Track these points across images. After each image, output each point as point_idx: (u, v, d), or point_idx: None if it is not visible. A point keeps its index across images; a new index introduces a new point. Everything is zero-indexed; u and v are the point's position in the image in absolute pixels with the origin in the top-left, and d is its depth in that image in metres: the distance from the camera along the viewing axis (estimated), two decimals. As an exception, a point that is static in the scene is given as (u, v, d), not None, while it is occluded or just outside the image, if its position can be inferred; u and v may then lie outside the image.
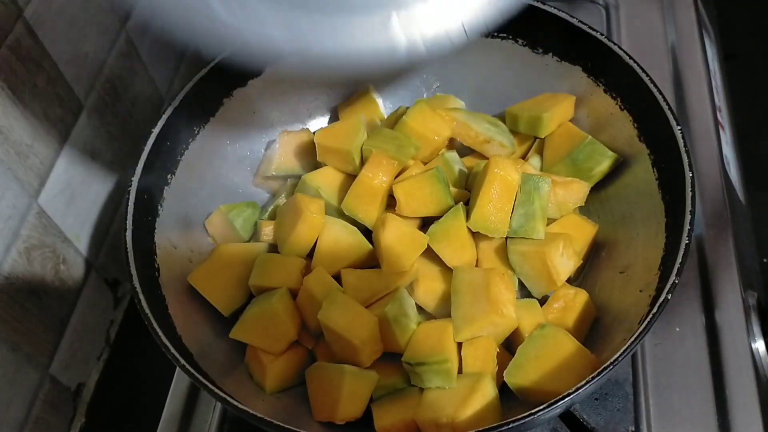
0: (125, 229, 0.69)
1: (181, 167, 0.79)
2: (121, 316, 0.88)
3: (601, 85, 0.80)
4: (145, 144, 0.74)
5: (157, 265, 0.72)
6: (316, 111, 0.91)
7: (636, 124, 0.76)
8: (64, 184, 0.78)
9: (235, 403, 0.60)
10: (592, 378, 0.57)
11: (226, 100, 0.84)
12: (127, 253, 0.68)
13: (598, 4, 1.04)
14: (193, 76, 0.79)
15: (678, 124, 0.69)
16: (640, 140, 0.76)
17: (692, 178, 0.66)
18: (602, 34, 0.77)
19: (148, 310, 0.65)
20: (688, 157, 0.68)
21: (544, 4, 0.80)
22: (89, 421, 0.81)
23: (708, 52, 1.00)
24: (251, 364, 0.72)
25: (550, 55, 0.84)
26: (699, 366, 0.73)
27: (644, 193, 0.74)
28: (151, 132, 0.75)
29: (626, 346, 0.59)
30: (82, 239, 0.82)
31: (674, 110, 0.71)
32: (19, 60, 0.70)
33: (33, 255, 0.74)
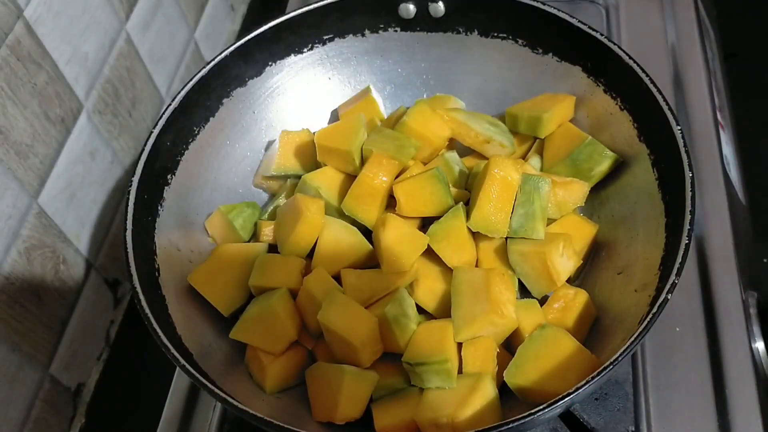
0: (125, 229, 0.69)
1: (181, 167, 0.79)
2: (121, 316, 0.89)
3: (601, 85, 0.80)
4: (145, 144, 0.74)
5: (157, 265, 0.72)
6: (317, 111, 0.91)
7: (636, 124, 0.76)
8: (64, 184, 0.78)
9: (235, 403, 0.60)
10: (592, 378, 0.57)
11: (226, 100, 0.84)
12: (127, 253, 0.68)
13: (598, 4, 1.04)
14: (193, 76, 0.79)
15: (678, 124, 0.69)
16: (640, 140, 0.76)
17: (692, 178, 0.66)
18: (602, 34, 0.77)
19: (148, 310, 0.65)
20: (688, 157, 0.67)
21: (544, 4, 0.81)
22: (89, 421, 0.81)
23: (708, 52, 1.00)
24: (251, 364, 0.72)
25: (550, 55, 0.84)
26: (699, 366, 0.73)
27: (644, 193, 0.74)
28: (151, 132, 0.75)
29: (626, 346, 0.59)
30: (82, 239, 0.82)
31: (674, 110, 0.71)
32: (19, 60, 0.70)
33: (33, 255, 0.74)
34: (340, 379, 0.67)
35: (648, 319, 0.60)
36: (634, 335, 0.59)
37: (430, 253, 0.74)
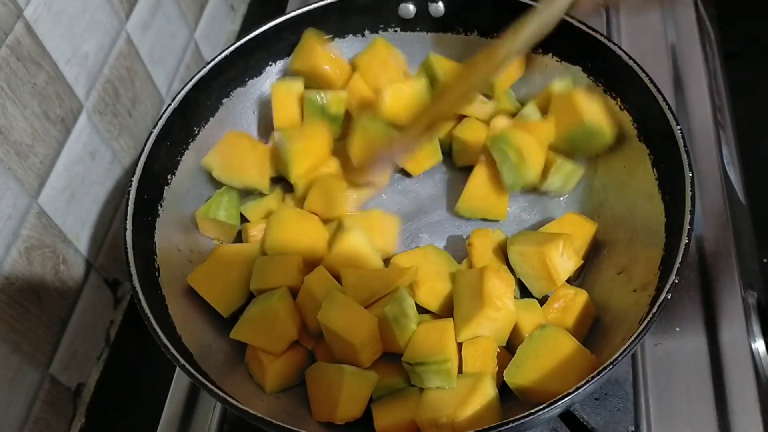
0: (125, 229, 0.69)
1: (181, 167, 0.79)
2: (121, 316, 0.89)
3: (601, 85, 0.80)
4: (145, 144, 0.74)
5: (157, 265, 0.72)
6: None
7: (636, 124, 0.76)
8: (64, 184, 0.78)
9: (235, 403, 0.60)
10: (592, 378, 0.57)
11: (226, 100, 0.84)
12: (127, 253, 0.68)
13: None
14: (193, 76, 0.79)
15: (678, 124, 0.69)
16: (640, 140, 0.76)
17: (692, 178, 0.66)
18: (602, 34, 0.77)
19: (148, 310, 0.65)
20: (688, 157, 0.68)
21: (544, 4, 0.80)
22: (89, 421, 0.81)
23: (708, 52, 1.00)
24: (251, 364, 0.72)
25: (550, 55, 0.84)
26: (699, 366, 0.73)
27: (644, 193, 0.74)
28: (151, 132, 0.75)
29: (626, 346, 0.59)
30: (82, 239, 0.82)
31: (674, 110, 0.71)
32: (19, 60, 0.70)
33: (33, 255, 0.74)
34: (340, 379, 0.67)
35: (648, 319, 0.60)
36: (634, 335, 0.59)
37: (430, 255, 0.74)
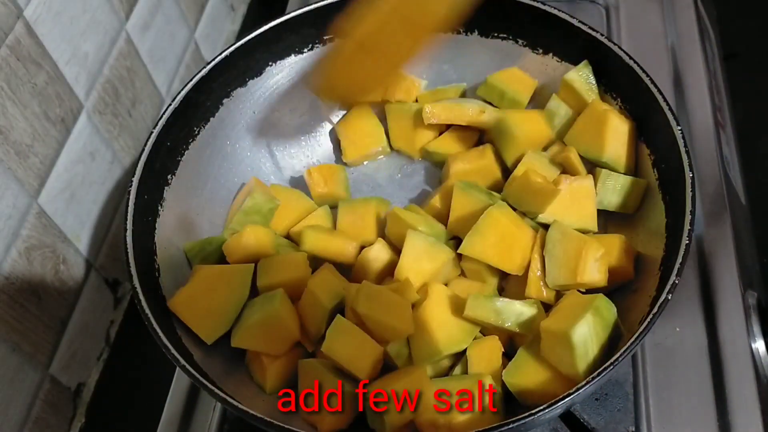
0: (125, 229, 0.69)
1: (181, 167, 0.79)
2: (121, 316, 0.88)
3: (601, 85, 0.80)
4: (145, 144, 0.74)
5: (157, 265, 0.72)
6: (317, 111, 0.91)
7: (636, 124, 0.76)
8: (64, 184, 0.78)
9: (235, 403, 0.60)
10: (592, 378, 0.57)
11: (226, 100, 0.84)
12: (127, 253, 0.68)
13: (598, 4, 1.04)
14: (193, 76, 0.79)
15: (678, 124, 0.69)
16: (640, 140, 0.76)
17: (692, 178, 0.66)
18: (602, 34, 0.77)
19: (148, 310, 0.65)
20: (688, 157, 0.67)
21: (544, 4, 0.80)
22: (89, 421, 0.81)
23: (708, 52, 1.00)
24: (251, 365, 0.72)
25: (550, 55, 0.84)
26: (699, 366, 0.73)
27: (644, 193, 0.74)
28: (151, 132, 0.75)
29: (626, 346, 0.59)
30: (82, 239, 0.82)
31: (674, 110, 0.71)
32: (19, 60, 0.70)
33: (33, 255, 0.74)
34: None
35: (648, 319, 0.60)
36: (634, 335, 0.59)
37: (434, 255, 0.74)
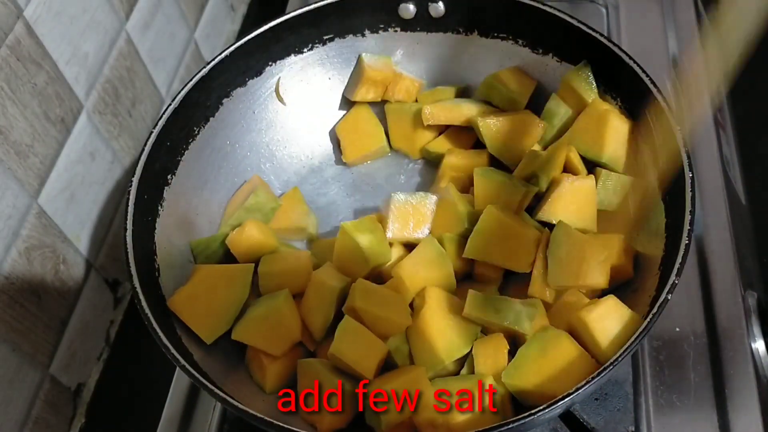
0: (125, 229, 0.69)
1: (181, 167, 0.79)
2: (121, 316, 0.88)
3: (601, 85, 0.80)
4: (145, 144, 0.74)
5: (157, 265, 0.72)
6: (317, 111, 0.91)
7: (636, 124, 0.76)
8: (64, 184, 0.78)
9: (235, 403, 0.60)
10: (592, 378, 0.57)
11: (226, 100, 0.84)
12: (127, 253, 0.68)
13: (598, 4, 1.04)
14: (193, 76, 0.79)
15: (678, 124, 0.69)
16: (640, 140, 0.76)
17: (692, 178, 0.66)
18: (602, 35, 0.77)
19: (148, 310, 0.65)
20: (688, 157, 0.68)
21: (544, 4, 0.81)
22: (89, 421, 0.81)
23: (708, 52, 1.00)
24: (251, 365, 0.72)
25: (550, 55, 0.84)
26: (699, 366, 0.73)
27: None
28: (151, 132, 0.75)
29: (626, 346, 0.59)
30: (82, 239, 0.82)
31: (674, 110, 0.71)
32: (19, 60, 0.70)
33: (33, 255, 0.74)
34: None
35: (648, 319, 0.60)
36: (634, 335, 0.59)
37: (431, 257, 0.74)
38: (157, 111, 0.95)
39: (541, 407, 0.56)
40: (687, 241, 0.63)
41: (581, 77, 0.79)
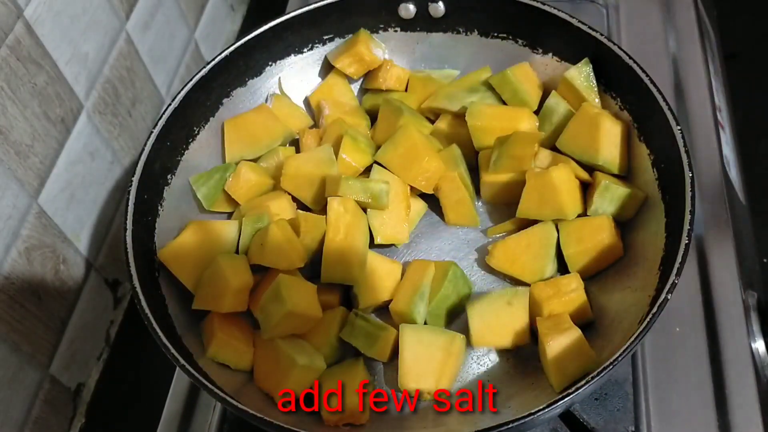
0: (125, 229, 0.69)
1: (181, 167, 0.79)
2: (121, 316, 0.89)
3: (601, 85, 0.80)
4: (145, 144, 0.74)
5: (157, 265, 0.72)
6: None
7: (635, 124, 0.76)
8: (64, 184, 0.78)
9: (235, 403, 0.60)
10: (592, 378, 0.57)
11: (226, 100, 0.84)
12: (127, 253, 0.68)
13: (598, 4, 1.04)
14: (193, 76, 0.79)
15: (678, 124, 0.69)
16: (640, 140, 0.76)
17: (692, 178, 0.66)
18: (602, 34, 0.77)
19: (148, 310, 0.65)
20: (688, 157, 0.68)
21: (544, 4, 0.81)
22: (89, 421, 0.81)
23: (708, 53, 1.00)
24: (205, 331, 0.72)
25: (550, 55, 0.84)
26: (699, 366, 0.73)
27: (645, 193, 0.74)
28: (151, 132, 0.75)
29: (626, 346, 0.59)
30: (82, 239, 0.82)
31: (674, 110, 0.71)
32: (19, 60, 0.70)
33: (33, 255, 0.74)
34: (289, 368, 0.67)
35: (648, 319, 0.60)
36: (634, 335, 0.59)
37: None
38: (157, 111, 0.95)
39: (541, 407, 0.57)
40: (687, 241, 0.63)
41: (582, 75, 0.79)
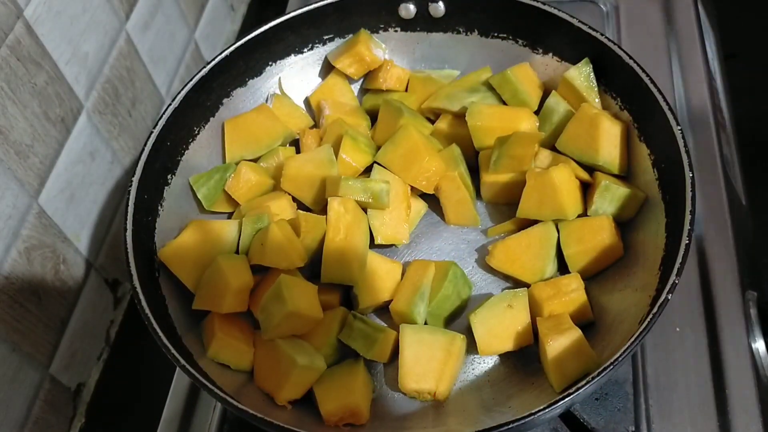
0: (125, 229, 0.69)
1: (181, 167, 0.79)
2: (121, 316, 0.89)
3: (602, 85, 0.80)
4: (145, 144, 0.74)
5: (157, 265, 0.72)
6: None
7: (636, 124, 0.76)
8: (64, 184, 0.78)
9: (235, 403, 0.60)
10: (593, 378, 0.57)
11: (226, 100, 0.84)
12: (127, 253, 0.68)
13: (598, 4, 1.04)
14: (194, 76, 0.79)
15: (678, 124, 0.69)
16: (640, 140, 0.76)
17: (692, 178, 0.66)
18: (602, 34, 0.77)
19: (148, 310, 0.65)
20: (688, 157, 0.68)
21: (544, 4, 0.81)
22: (89, 421, 0.81)
23: (708, 52, 1.00)
24: (204, 334, 0.72)
25: (550, 55, 0.84)
26: (699, 366, 0.73)
27: (645, 193, 0.74)
28: (151, 132, 0.75)
29: (626, 346, 0.59)
30: (82, 239, 0.82)
31: (674, 110, 0.71)
32: (19, 60, 0.70)
33: (33, 255, 0.74)
34: (289, 369, 0.67)
35: (648, 320, 0.60)
36: (635, 335, 0.59)
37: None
38: (157, 111, 0.95)
39: (542, 407, 0.57)
40: (687, 241, 0.63)
41: (582, 75, 0.79)
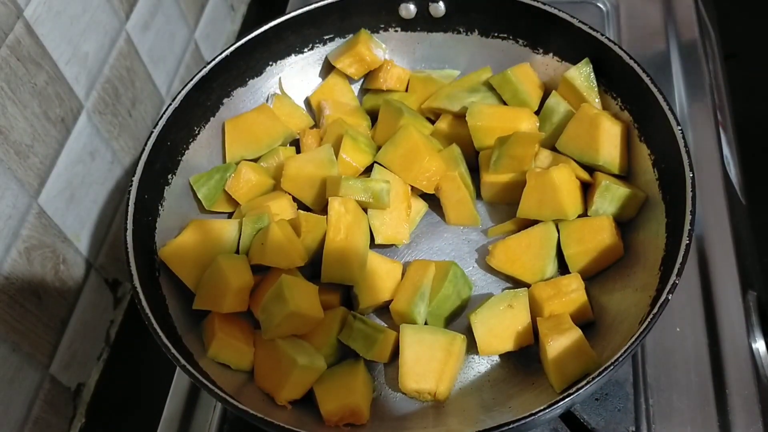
0: (125, 229, 0.69)
1: (181, 167, 0.79)
2: (121, 316, 0.89)
3: (602, 85, 0.80)
4: (145, 144, 0.74)
5: (157, 265, 0.72)
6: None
7: (636, 124, 0.76)
8: (64, 184, 0.78)
9: (235, 403, 0.60)
10: (593, 378, 0.57)
11: (226, 100, 0.84)
12: (127, 253, 0.68)
13: (598, 4, 1.04)
14: (194, 76, 0.79)
15: (678, 124, 0.69)
16: (641, 140, 0.76)
17: (692, 178, 0.66)
18: (602, 34, 0.77)
19: (148, 310, 0.65)
20: (689, 157, 0.68)
21: (544, 4, 0.81)
22: (89, 421, 0.81)
23: (708, 52, 1.00)
24: (205, 334, 0.72)
25: (551, 55, 0.84)
26: (699, 366, 0.73)
27: (645, 193, 0.74)
28: (151, 132, 0.75)
29: (627, 347, 0.59)
30: (82, 239, 0.82)
31: (674, 110, 0.71)
32: (19, 60, 0.70)
33: (33, 255, 0.74)
34: (290, 369, 0.67)
35: (648, 320, 0.60)
36: (635, 335, 0.59)
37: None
38: (157, 111, 0.95)
39: (542, 407, 0.57)
40: (687, 241, 0.63)
41: (582, 75, 0.79)
